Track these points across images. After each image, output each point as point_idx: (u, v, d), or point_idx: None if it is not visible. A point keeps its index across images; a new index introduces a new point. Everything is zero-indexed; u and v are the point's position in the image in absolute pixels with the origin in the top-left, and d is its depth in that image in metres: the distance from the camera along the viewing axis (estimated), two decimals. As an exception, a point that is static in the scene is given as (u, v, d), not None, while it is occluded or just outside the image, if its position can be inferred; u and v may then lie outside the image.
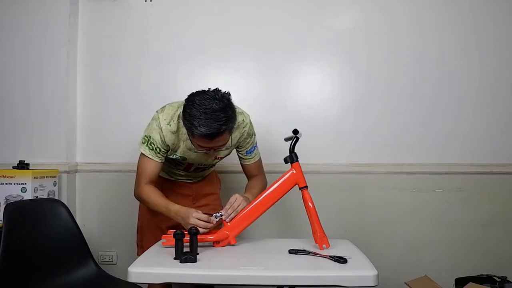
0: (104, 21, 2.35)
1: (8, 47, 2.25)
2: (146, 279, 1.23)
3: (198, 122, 1.39)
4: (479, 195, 2.25)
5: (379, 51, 2.29)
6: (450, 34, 2.28)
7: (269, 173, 1.82)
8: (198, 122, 1.39)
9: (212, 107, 1.40)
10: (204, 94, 1.45)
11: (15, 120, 2.24)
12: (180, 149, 1.64)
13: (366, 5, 2.31)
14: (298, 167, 1.53)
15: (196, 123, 1.40)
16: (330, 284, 1.18)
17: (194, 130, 1.41)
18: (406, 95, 2.28)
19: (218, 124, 1.40)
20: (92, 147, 2.35)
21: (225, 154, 1.74)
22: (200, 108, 1.40)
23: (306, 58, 2.32)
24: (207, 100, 1.41)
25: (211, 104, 1.40)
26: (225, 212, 1.51)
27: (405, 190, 2.27)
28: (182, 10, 2.33)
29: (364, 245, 1.56)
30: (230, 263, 1.38)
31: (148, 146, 1.59)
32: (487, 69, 2.26)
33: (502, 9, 2.26)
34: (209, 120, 1.39)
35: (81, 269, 1.74)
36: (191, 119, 1.41)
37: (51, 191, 2.11)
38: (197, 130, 1.40)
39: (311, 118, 2.29)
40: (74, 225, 1.81)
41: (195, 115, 1.40)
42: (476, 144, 2.26)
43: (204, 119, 1.39)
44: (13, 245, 1.55)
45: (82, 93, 2.34)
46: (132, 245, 1.89)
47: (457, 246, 2.24)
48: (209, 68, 2.31)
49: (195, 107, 1.41)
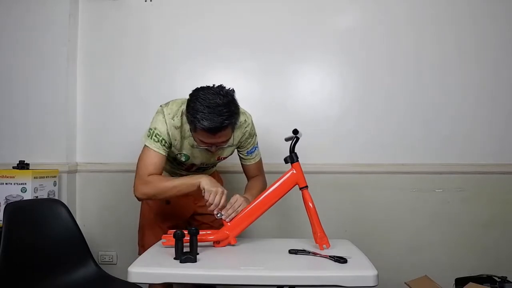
0: (104, 21, 2.35)
1: (8, 47, 2.25)
2: (146, 279, 1.23)
3: (201, 116, 1.40)
4: (479, 195, 2.25)
5: (379, 51, 2.29)
6: (450, 34, 2.28)
7: (269, 173, 1.82)
8: (201, 116, 1.40)
9: (216, 101, 1.41)
10: (208, 89, 1.46)
11: (15, 120, 2.24)
12: (184, 147, 1.63)
13: (366, 5, 2.31)
14: (298, 167, 1.53)
15: (199, 117, 1.41)
16: (330, 284, 1.18)
17: (197, 124, 1.42)
18: (406, 95, 2.28)
19: (221, 119, 1.41)
20: (92, 147, 2.35)
21: (227, 154, 1.74)
22: (204, 102, 1.41)
23: (306, 58, 2.32)
24: (211, 95, 1.43)
25: (215, 99, 1.42)
26: (225, 212, 1.51)
27: (405, 190, 2.27)
28: (182, 10, 2.33)
29: (364, 245, 1.56)
30: (230, 263, 1.38)
31: (153, 138, 1.56)
32: (487, 69, 2.26)
33: (502, 9, 2.26)
34: (212, 114, 1.40)
35: (81, 269, 1.74)
36: (195, 113, 1.42)
37: (51, 191, 2.11)
38: (199, 124, 1.41)
39: (311, 118, 2.29)
40: (74, 225, 1.81)
41: (199, 109, 1.41)
42: (476, 144, 2.26)
43: (207, 113, 1.40)
44: (13, 245, 1.55)
45: (82, 93, 2.35)
46: (132, 245, 1.89)
47: (457, 246, 2.24)
48: (209, 68, 2.31)
49: (199, 101, 1.42)
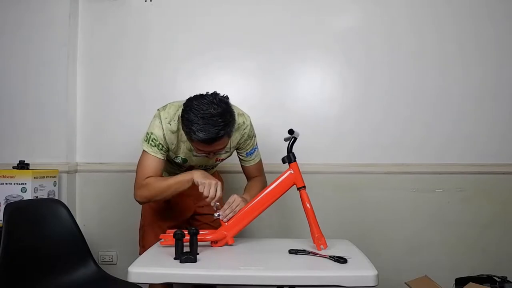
0: (104, 21, 2.35)
1: (9, 47, 2.24)
2: (146, 279, 1.23)
3: (196, 127, 1.39)
4: (479, 195, 2.25)
5: (379, 51, 2.29)
6: (450, 34, 2.27)
7: (269, 173, 1.82)
8: (196, 127, 1.39)
9: (210, 112, 1.39)
10: (201, 98, 1.44)
11: (15, 120, 2.24)
12: (181, 151, 1.63)
13: (366, 5, 2.31)
14: (296, 167, 1.53)
15: (194, 128, 1.39)
16: (330, 284, 1.18)
17: (192, 135, 1.41)
18: (406, 95, 2.28)
19: (216, 129, 1.39)
20: (92, 147, 2.35)
21: (226, 156, 1.74)
22: (198, 113, 1.40)
23: (306, 58, 2.32)
24: (205, 105, 1.41)
25: (209, 109, 1.40)
26: (223, 212, 1.51)
27: (405, 190, 2.26)
28: (182, 10, 2.33)
29: (364, 245, 1.57)
30: (230, 263, 1.38)
31: (150, 143, 1.57)
32: (487, 69, 2.26)
33: (503, 9, 2.26)
34: (207, 125, 1.38)
35: (81, 269, 1.74)
36: (189, 124, 1.41)
37: (51, 191, 2.11)
38: (195, 136, 1.40)
39: (311, 118, 2.29)
40: (74, 225, 1.81)
41: (193, 120, 1.40)
42: (476, 144, 2.26)
43: (202, 124, 1.39)
44: (13, 245, 1.55)
45: (82, 93, 2.34)
46: (132, 245, 1.89)
47: (457, 246, 2.24)
48: (209, 68, 2.31)
49: (193, 112, 1.40)
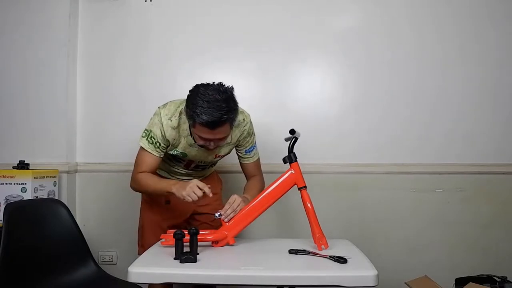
0: (104, 21, 2.35)
1: (9, 47, 2.24)
2: (146, 279, 1.24)
3: (201, 110, 1.44)
4: (479, 195, 2.25)
5: (379, 51, 2.29)
6: (450, 34, 2.27)
7: (269, 173, 1.82)
8: (201, 110, 1.44)
9: (215, 97, 1.45)
10: (208, 85, 1.50)
11: (15, 120, 2.24)
12: (181, 145, 1.65)
13: (366, 5, 2.31)
14: (297, 167, 1.53)
15: (198, 111, 1.44)
16: (330, 284, 1.18)
17: (196, 118, 1.45)
18: (406, 95, 2.28)
19: (220, 113, 1.44)
20: (92, 147, 2.34)
21: (225, 152, 1.75)
22: (203, 97, 1.45)
23: (306, 58, 2.32)
24: (211, 91, 1.46)
25: (215, 95, 1.45)
26: (224, 212, 1.52)
27: (405, 190, 2.26)
28: (182, 10, 2.33)
29: (364, 245, 1.57)
30: (230, 263, 1.38)
31: (148, 140, 1.62)
32: (487, 69, 2.26)
33: (503, 9, 2.26)
34: (211, 109, 1.43)
35: (81, 269, 1.74)
36: (194, 107, 1.45)
37: (51, 191, 2.11)
38: (198, 118, 1.44)
39: (311, 118, 2.29)
40: (74, 225, 1.81)
41: (198, 103, 1.45)
42: (476, 144, 2.26)
43: (206, 107, 1.43)
44: (13, 245, 1.55)
45: (82, 93, 2.34)
46: (132, 245, 1.89)
47: (457, 246, 2.24)
48: (209, 68, 2.31)
49: (199, 96, 1.46)
